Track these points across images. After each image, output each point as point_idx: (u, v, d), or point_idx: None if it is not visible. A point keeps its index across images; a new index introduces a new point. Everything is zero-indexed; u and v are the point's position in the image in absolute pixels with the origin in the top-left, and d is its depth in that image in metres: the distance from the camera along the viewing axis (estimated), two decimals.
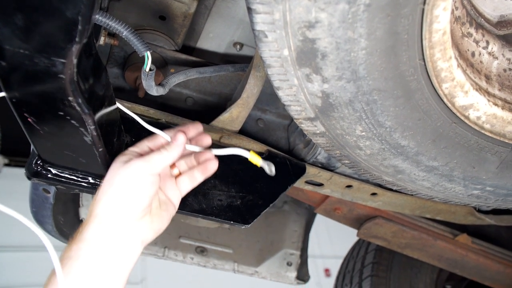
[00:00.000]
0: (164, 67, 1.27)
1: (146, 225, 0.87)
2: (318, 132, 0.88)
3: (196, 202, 1.07)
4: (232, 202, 1.11)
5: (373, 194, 1.35)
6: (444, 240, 1.69)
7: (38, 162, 0.93)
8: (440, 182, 1.00)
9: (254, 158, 0.94)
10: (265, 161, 0.95)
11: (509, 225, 1.60)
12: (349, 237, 2.39)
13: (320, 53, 0.69)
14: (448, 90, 0.77)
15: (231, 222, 1.09)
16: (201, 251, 2.01)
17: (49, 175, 0.94)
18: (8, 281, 3.93)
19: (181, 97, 1.34)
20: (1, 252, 3.96)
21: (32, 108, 0.74)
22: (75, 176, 0.96)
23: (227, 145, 1.18)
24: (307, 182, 1.32)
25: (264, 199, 1.14)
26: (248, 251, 2.10)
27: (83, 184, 0.97)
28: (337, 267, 2.68)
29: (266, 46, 0.70)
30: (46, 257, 0.77)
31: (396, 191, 1.27)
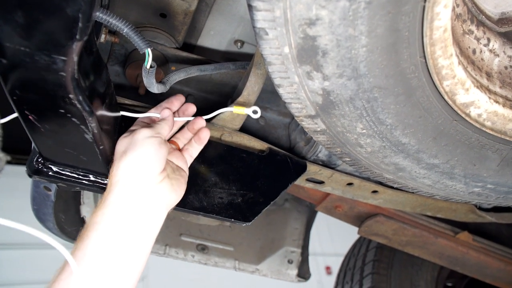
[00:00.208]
0: (165, 64, 1.27)
1: (167, 188, 0.90)
2: (318, 129, 0.88)
3: (197, 200, 1.07)
4: (233, 200, 1.11)
5: (374, 191, 1.35)
6: (445, 237, 1.69)
7: (39, 160, 0.93)
8: (441, 179, 1.00)
9: (238, 110, 1.07)
10: (249, 108, 1.07)
11: (510, 223, 1.60)
12: (350, 235, 2.39)
13: (320, 51, 0.69)
14: (449, 88, 0.77)
15: (232, 219, 1.09)
16: (202, 249, 2.02)
17: (50, 173, 0.94)
18: (9, 278, 3.94)
19: (182, 95, 1.34)
20: (1, 250, 3.97)
21: (33, 106, 0.75)
22: (76, 174, 0.96)
23: (228, 142, 1.19)
24: (308, 179, 1.32)
25: (265, 197, 1.14)
26: (249, 249, 2.11)
27: (84, 182, 0.97)
28: (338, 265, 2.68)
29: (266, 43, 0.69)
30: (47, 254, 0.78)
31: (397, 188, 1.27)
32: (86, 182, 0.97)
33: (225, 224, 2.08)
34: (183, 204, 1.04)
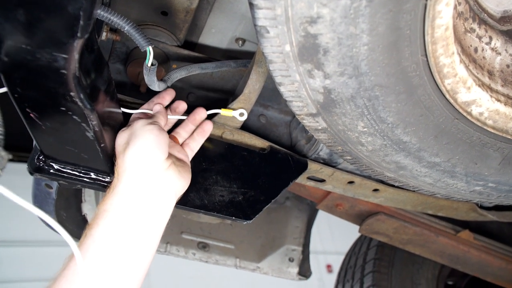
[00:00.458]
0: (166, 62, 1.27)
1: (175, 175, 0.92)
2: (320, 128, 0.88)
3: (198, 198, 1.07)
4: (234, 198, 1.11)
5: (375, 190, 1.35)
6: (446, 236, 1.69)
7: (40, 157, 0.93)
8: (442, 178, 1.00)
9: (225, 112, 1.10)
10: (236, 111, 1.10)
11: (511, 221, 1.60)
12: (351, 233, 2.39)
13: (322, 49, 0.69)
14: (450, 86, 0.77)
15: (233, 217, 1.09)
16: (203, 246, 2.02)
17: (51, 171, 0.94)
18: (10, 276, 3.94)
19: (183, 93, 1.34)
20: (2, 247, 3.98)
21: (34, 104, 0.75)
22: (77, 171, 0.96)
23: (229, 141, 1.19)
24: (309, 178, 1.32)
25: (265, 195, 1.14)
26: (250, 246, 2.11)
27: (85, 179, 0.97)
28: (339, 263, 2.68)
29: (268, 41, 0.69)
30: (48, 252, 0.78)
31: (398, 187, 1.27)
32: (87, 180, 0.97)
33: (226, 222, 2.08)
34: (184, 202, 1.04)
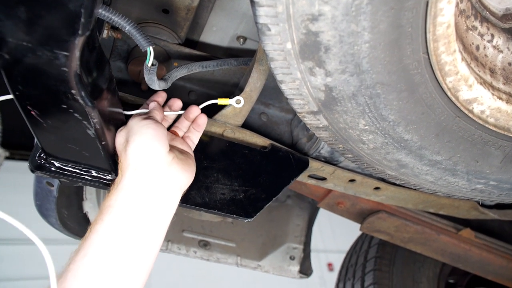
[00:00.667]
0: (167, 61, 1.27)
1: (179, 169, 0.91)
2: (321, 126, 0.88)
3: (199, 196, 1.08)
4: (235, 196, 1.11)
5: (376, 188, 1.35)
6: (447, 234, 1.69)
7: (42, 155, 0.93)
8: (443, 176, 0.99)
9: (222, 101, 1.11)
10: (232, 99, 1.11)
11: None
12: (352, 231, 2.39)
13: (323, 46, 0.69)
14: (452, 84, 0.77)
15: (234, 215, 1.09)
16: (204, 245, 2.02)
17: (53, 168, 0.95)
18: (10, 274, 3.95)
19: (184, 91, 1.34)
20: (2, 245, 3.98)
21: (35, 101, 0.75)
22: (78, 169, 0.96)
23: (230, 139, 1.18)
24: (310, 176, 1.31)
25: (267, 193, 1.14)
26: (251, 245, 2.11)
27: (86, 177, 0.97)
28: (340, 261, 2.68)
29: (269, 39, 0.69)
30: (48, 250, 0.78)
31: (399, 185, 1.27)
32: (89, 178, 0.97)
33: (227, 220, 2.09)
34: (186, 200, 1.04)
